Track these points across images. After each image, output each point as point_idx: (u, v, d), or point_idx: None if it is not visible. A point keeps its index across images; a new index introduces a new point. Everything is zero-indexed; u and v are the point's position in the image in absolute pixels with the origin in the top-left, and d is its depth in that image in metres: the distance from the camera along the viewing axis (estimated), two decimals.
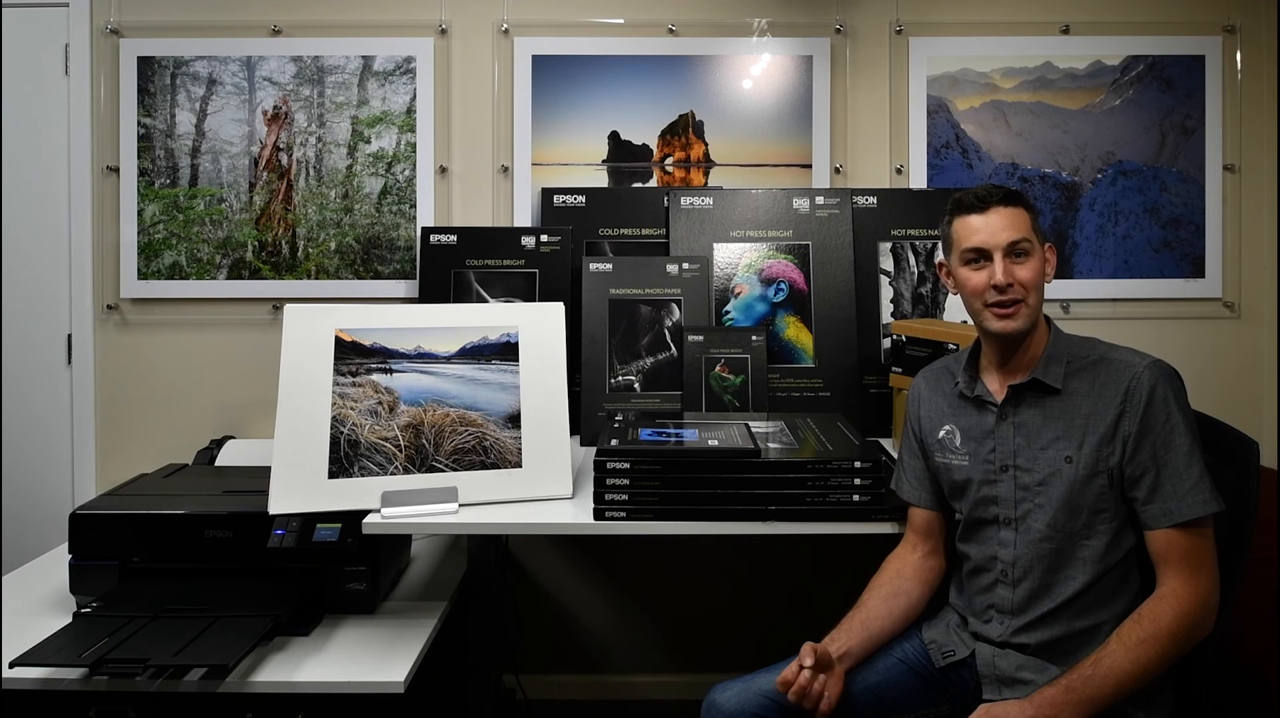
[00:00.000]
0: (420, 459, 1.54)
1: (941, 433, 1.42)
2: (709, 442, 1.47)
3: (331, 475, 1.50)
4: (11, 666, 1.33)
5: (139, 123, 2.26)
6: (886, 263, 2.14)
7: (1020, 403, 1.33)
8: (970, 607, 1.40)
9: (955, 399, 1.41)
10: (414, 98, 2.27)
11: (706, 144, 2.29)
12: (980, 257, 1.32)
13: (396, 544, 1.82)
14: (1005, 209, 1.31)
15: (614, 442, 1.45)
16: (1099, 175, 2.28)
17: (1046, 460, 1.29)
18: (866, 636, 1.37)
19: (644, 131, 2.28)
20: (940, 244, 1.44)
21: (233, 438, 2.16)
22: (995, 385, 1.37)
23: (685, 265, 2.06)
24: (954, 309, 2.11)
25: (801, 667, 1.26)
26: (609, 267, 2.06)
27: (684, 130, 2.29)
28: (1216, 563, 1.21)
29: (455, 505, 1.48)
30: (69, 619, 1.51)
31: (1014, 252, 1.30)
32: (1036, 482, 1.29)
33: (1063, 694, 1.17)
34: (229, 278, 2.27)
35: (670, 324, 2.03)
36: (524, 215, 2.28)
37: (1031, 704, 1.17)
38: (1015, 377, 1.34)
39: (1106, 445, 1.25)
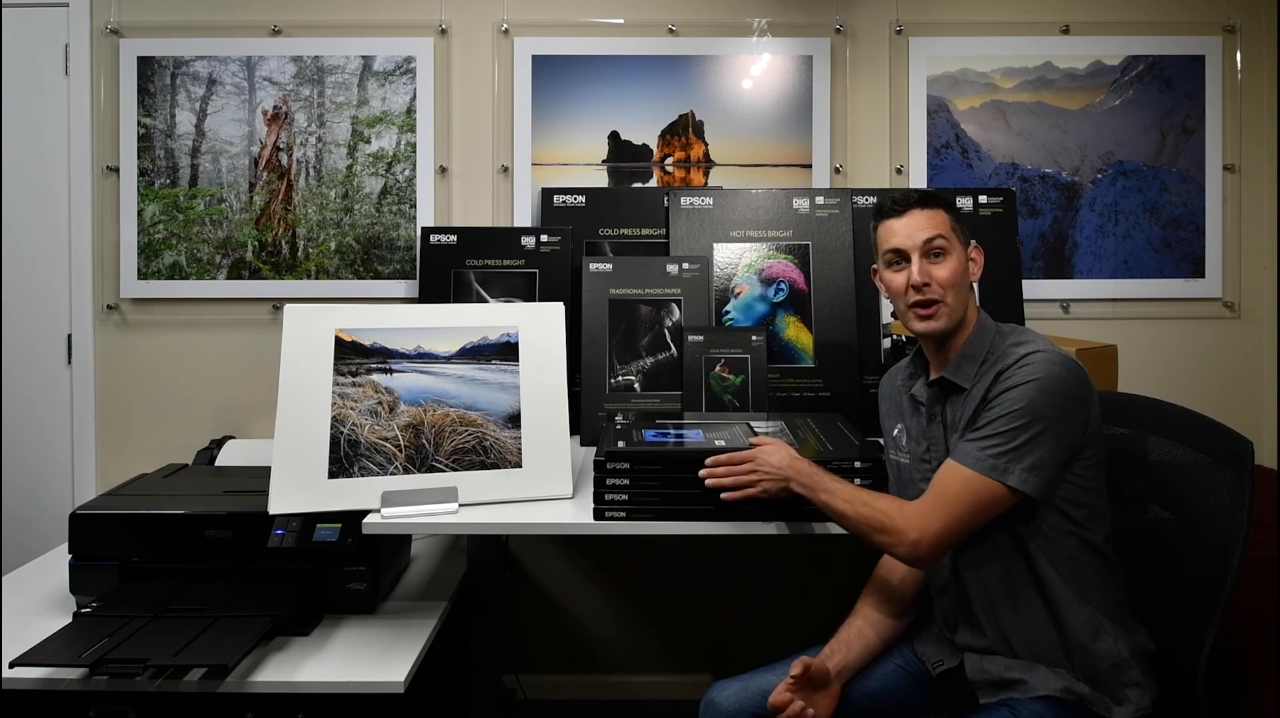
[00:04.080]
0: (420, 459, 1.54)
1: (895, 431, 1.46)
2: (716, 442, 1.47)
3: (331, 475, 1.50)
4: (11, 666, 1.33)
5: (139, 123, 2.26)
6: None
7: (942, 402, 1.36)
8: (942, 620, 1.41)
9: (905, 398, 1.44)
10: (414, 98, 2.27)
11: (706, 144, 2.29)
12: (899, 258, 1.35)
13: (396, 544, 1.82)
14: (921, 211, 1.34)
15: (620, 443, 1.45)
16: (1099, 175, 2.28)
17: None
18: (864, 645, 1.38)
19: (644, 131, 2.28)
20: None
21: (233, 438, 2.16)
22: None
23: (685, 265, 2.06)
24: None
25: (792, 678, 1.26)
26: (609, 267, 2.06)
27: (684, 130, 2.29)
28: (958, 518, 1.22)
29: (455, 505, 1.48)
30: (69, 619, 1.51)
31: (931, 251, 1.33)
32: None
33: (809, 466, 1.34)
34: (229, 278, 2.27)
35: (670, 324, 2.03)
36: (524, 215, 2.28)
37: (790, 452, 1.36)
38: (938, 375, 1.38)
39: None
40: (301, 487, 1.49)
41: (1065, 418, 1.23)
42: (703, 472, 1.38)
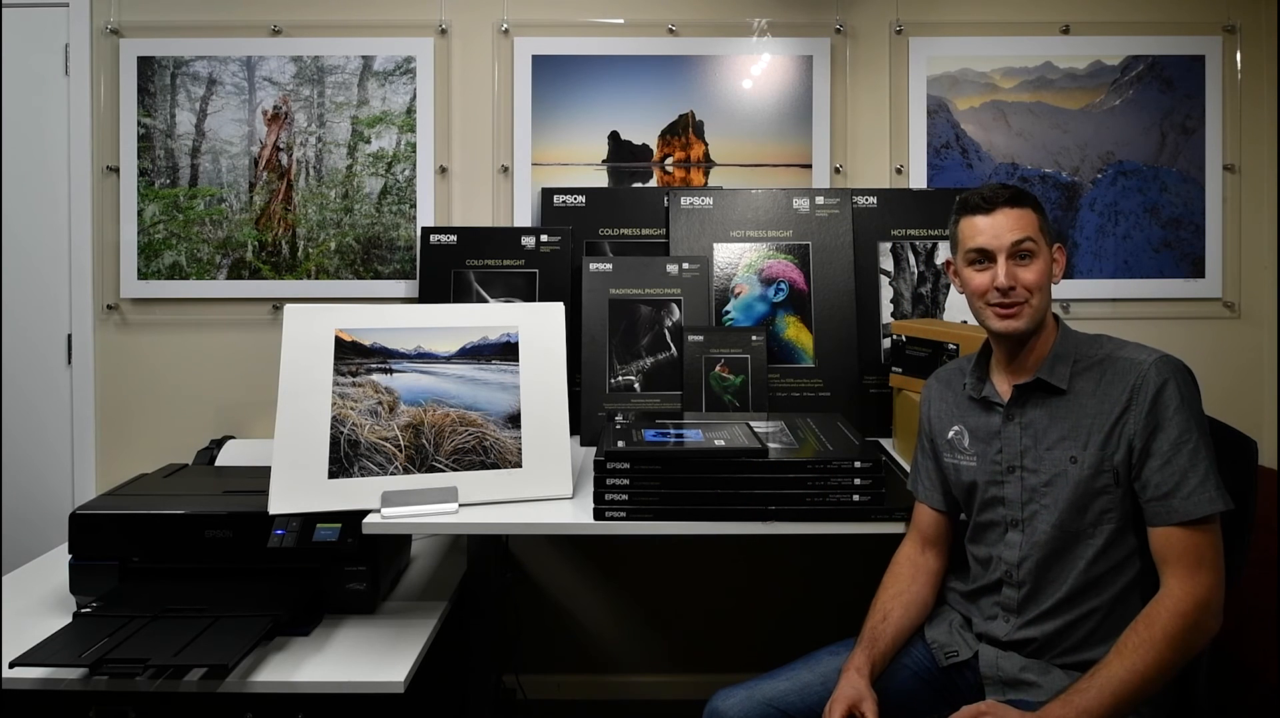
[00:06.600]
0: (420, 459, 1.54)
1: (951, 433, 1.42)
2: (715, 442, 1.47)
3: (331, 475, 1.50)
4: (11, 666, 1.33)
5: (139, 123, 2.26)
6: (886, 263, 2.14)
7: (1026, 403, 1.32)
8: (976, 608, 1.39)
9: (964, 400, 1.41)
10: (414, 98, 2.27)
11: (706, 144, 2.29)
12: (984, 257, 1.31)
13: (396, 544, 1.83)
14: (1011, 210, 1.30)
15: (620, 443, 1.45)
16: (1099, 175, 2.28)
17: (1052, 461, 1.28)
18: (890, 642, 1.36)
19: (644, 131, 2.28)
20: (948, 243, 1.44)
21: (233, 438, 2.16)
22: (1003, 386, 1.36)
23: (685, 265, 2.06)
24: (954, 309, 2.11)
25: None
26: (609, 267, 2.06)
27: (684, 130, 2.29)
28: (1221, 561, 1.19)
29: (455, 505, 1.48)
30: (69, 619, 1.51)
31: (1018, 253, 1.29)
32: (1043, 483, 1.29)
33: (1061, 708, 1.14)
34: (229, 278, 2.27)
35: (670, 324, 2.03)
36: (524, 215, 2.28)
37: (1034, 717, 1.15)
38: (1021, 377, 1.34)
39: (1111, 444, 1.24)
40: (301, 487, 1.49)
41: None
42: None
